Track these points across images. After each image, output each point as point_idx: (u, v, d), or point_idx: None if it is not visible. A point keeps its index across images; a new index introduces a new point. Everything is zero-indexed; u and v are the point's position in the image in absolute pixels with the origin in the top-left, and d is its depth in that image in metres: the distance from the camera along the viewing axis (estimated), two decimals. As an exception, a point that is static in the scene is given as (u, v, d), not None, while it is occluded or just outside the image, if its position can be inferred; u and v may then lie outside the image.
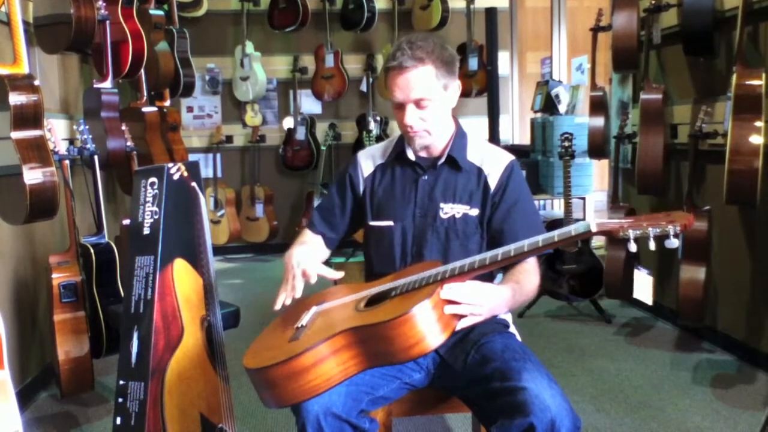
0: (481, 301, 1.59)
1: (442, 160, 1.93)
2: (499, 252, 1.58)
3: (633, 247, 1.42)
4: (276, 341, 1.66)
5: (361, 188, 2.00)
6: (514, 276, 1.80)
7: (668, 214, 1.43)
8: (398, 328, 1.46)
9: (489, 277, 1.85)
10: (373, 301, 1.66)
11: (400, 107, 1.85)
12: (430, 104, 1.83)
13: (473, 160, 1.93)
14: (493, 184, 1.89)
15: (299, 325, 1.67)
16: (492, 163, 1.92)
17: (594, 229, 1.46)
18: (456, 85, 1.89)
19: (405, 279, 1.66)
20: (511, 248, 1.56)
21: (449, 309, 1.54)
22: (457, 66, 1.89)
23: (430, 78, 1.81)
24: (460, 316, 1.57)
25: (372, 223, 1.97)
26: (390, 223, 1.93)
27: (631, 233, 1.42)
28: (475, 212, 1.89)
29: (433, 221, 1.89)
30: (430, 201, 1.91)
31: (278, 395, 1.54)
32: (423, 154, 1.95)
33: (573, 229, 1.49)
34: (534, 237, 1.55)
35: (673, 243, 1.39)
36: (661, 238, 1.40)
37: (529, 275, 1.81)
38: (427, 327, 1.47)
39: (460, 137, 1.95)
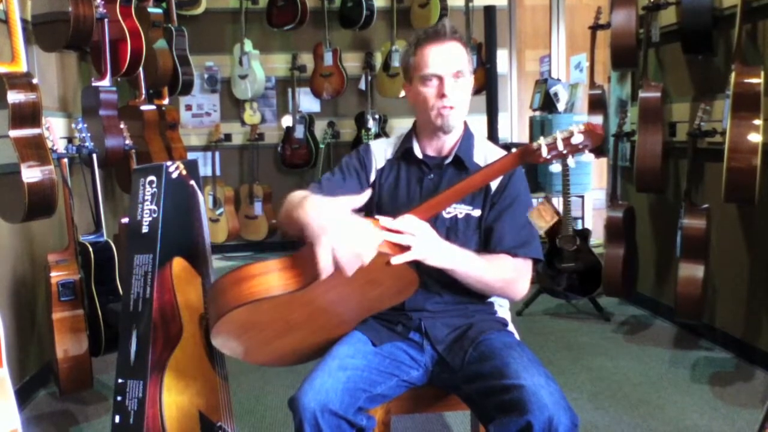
0: (414, 230, 1.63)
1: (449, 159, 1.92)
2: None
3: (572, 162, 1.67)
4: None
5: (372, 177, 1.97)
6: (487, 257, 1.81)
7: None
8: None
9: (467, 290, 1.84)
10: None
11: (433, 81, 1.82)
12: (463, 80, 1.84)
13: (478, 161, 1.92)
14: (494, 185, 1.88)
15: None
16: None
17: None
18: (472, 79, 1.91)
19: None
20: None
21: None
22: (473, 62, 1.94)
23: (464, 54, 1.85)
24: (398, 248, 1.61)
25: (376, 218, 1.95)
26: None
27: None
28: (477, 213, 1.88)
29: (435, 220, 1.87)
30: None
31: (222, 303, 1.62)
32: (431, 152, 1.94)
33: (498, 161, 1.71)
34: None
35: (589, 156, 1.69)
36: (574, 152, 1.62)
37: (502, 268, 1.81)
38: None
39: (467, 138, 1.94)
